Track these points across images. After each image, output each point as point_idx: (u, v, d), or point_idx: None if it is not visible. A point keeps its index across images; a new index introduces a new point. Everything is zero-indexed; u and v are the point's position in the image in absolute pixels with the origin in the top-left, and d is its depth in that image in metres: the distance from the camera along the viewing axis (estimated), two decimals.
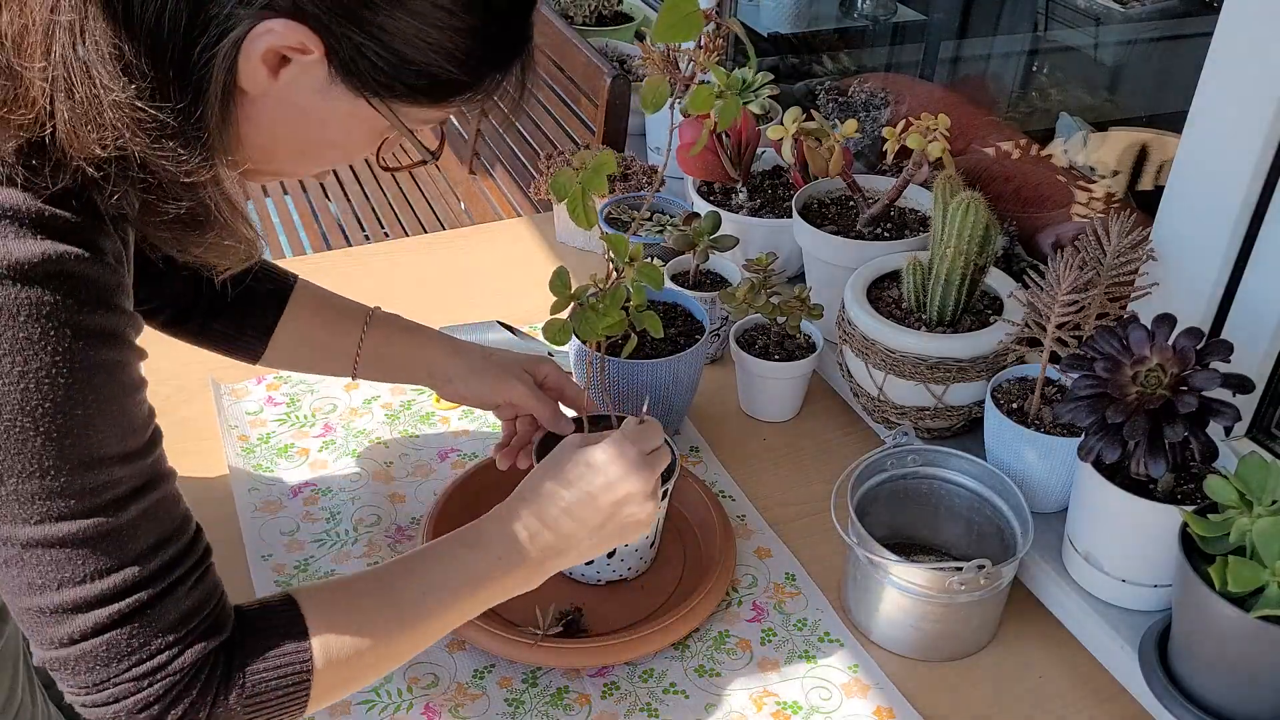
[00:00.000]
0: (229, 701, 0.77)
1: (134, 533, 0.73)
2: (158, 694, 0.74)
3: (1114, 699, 1.04)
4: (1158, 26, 1.55)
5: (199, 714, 0.76)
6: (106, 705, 0.74)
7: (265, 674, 0.79)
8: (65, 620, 0.72)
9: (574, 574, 1.12)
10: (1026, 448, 1.10)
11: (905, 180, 1.31)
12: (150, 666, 0.74)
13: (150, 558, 0.74)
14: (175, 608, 0.75)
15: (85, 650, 0.73)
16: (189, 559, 0.77)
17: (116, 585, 0.72)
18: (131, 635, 0.73)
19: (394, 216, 2.79)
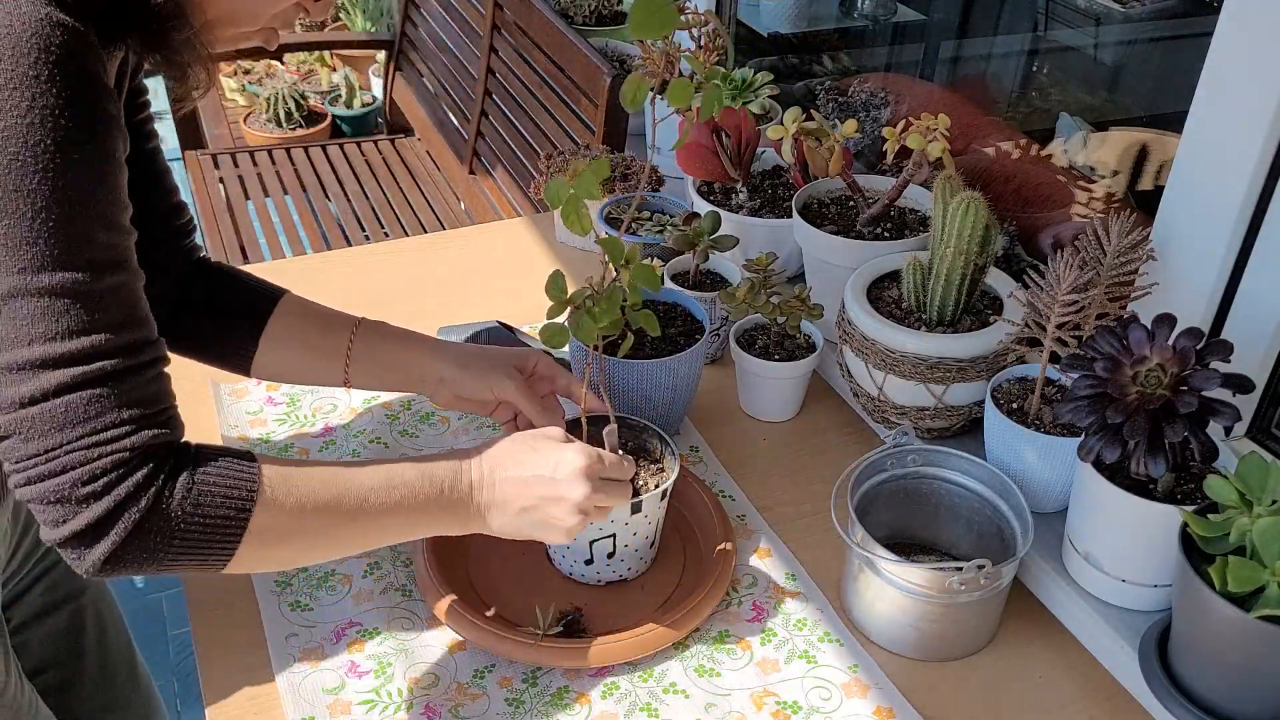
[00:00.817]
0: (173, 498, 0.77)
1: (107, 302, 0.75)
2: (104, 468, 0.75)
3: (1114, 699, 1.04)
4: (1158, 26, 1.55)
5: (139, 498, 0.76)
6: (53, 478, 0.74)
7: (213, 480, 0.80)
8: (29, 377, 0.73)
9: (574, 574, 1.12)
10: (1026, 448, 1.10)
11: (905, 180, 1.31)
12: (103, 437, 0.75)
13: (119, 331, 0.76)
14: (135, 389, 0.76)
15: (43, 410, 0.73)
16: (152, 351, 0.79)
17: (84, 348, 0.74)
18: (90, 402, 0.74)
19: (394, 216, 2.79)
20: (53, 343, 0.73)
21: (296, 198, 2.90)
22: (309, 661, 1.04)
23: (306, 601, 1.10)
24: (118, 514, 0.76)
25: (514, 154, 2.48)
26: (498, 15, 2.56)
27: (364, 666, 1.04)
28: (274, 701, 1.00)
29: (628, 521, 1.06)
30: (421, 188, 2.93)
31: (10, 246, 0.71)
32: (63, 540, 0.76)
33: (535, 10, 2.31)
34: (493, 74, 2.61)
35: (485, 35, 2.61)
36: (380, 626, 1.08)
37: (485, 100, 2.64)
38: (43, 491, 0.75)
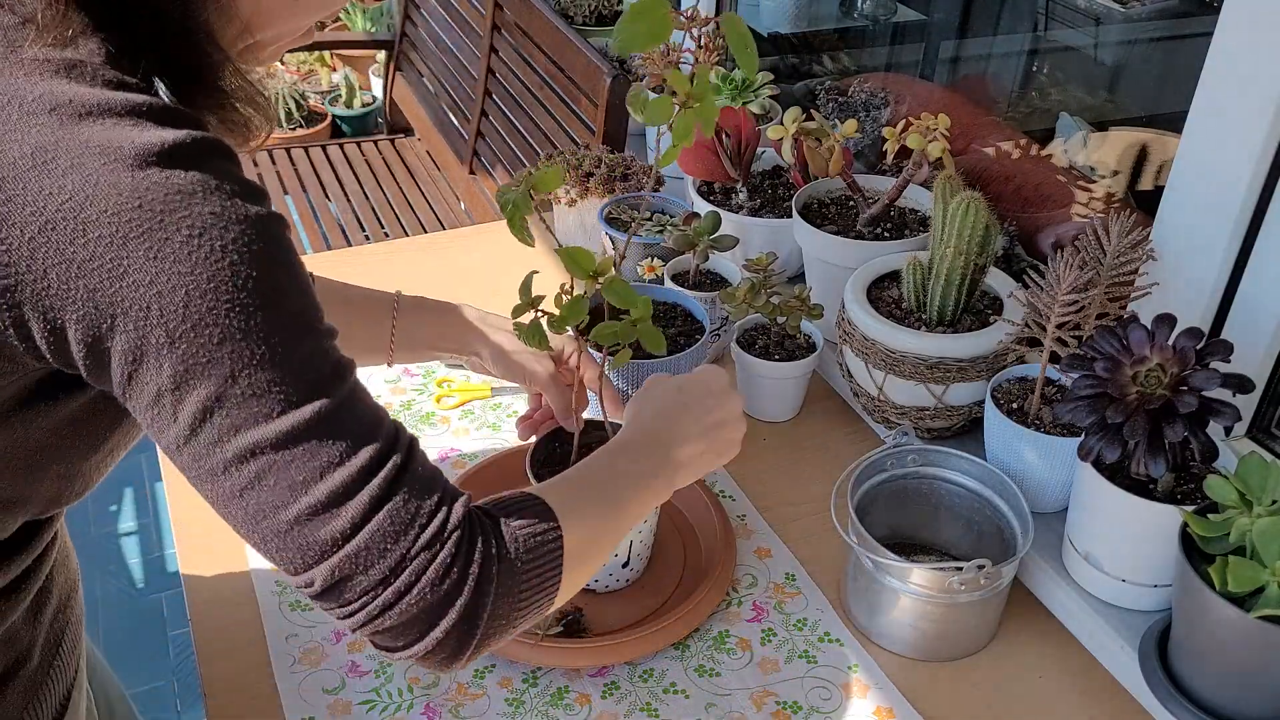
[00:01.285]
0: (506, 551, 0.74)
1: (358, 405, 0.71)
2: (451, 553, 0.70)
3: (1114, 699, 1.04)
4: (1158, 26, 1.55)
5: (492, 570, 0.72)
6: (409, 590, 0.69)
7: (525, 528, 0.76)
8: (339, 509, 0.68)
9: None
10: (1026, 448, 1.10)
11: (905, 180, 1.31)
12: (436, 527, 0.70)
13: (378, 430, 0.71)
14: (423, 472, 0.72)
15: (372, 532, 0.68)
16: (403, 429, 0.74)
17: (371, 455, 0.69)
18: (406, 500, 0.70)
19: (394, 216, 2.79)
20: (344, 466, 0.68)
21: (296, 198, 2.91)
22: (309, 661, 1.04)
23: (306, 601, 1.10)
24: (480, 594, 0.72)
25: (514, 154, 2.48)
26: (498, 15, 2.56)
27: (364, 666, 1.04)
28: (274, 701, 1.00)
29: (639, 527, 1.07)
30: (421, 188, 2.93)
31: (261, 394, 0.66)
32: (435, 652, 0.72)
33: (535, 10, 2.31)
34: (493, 74, 2.61)
35: (485, 35, 2.61)
36: None
37: (485, 100, 2.64)
38: (404, 611, 0.69)
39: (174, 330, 0.64)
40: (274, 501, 0.67)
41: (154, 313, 0.63)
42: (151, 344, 0.64)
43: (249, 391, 0.65)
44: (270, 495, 0.67)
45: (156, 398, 0.65)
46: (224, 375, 0.65)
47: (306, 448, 0.67)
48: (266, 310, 0.66)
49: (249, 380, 0.65)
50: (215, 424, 0.66)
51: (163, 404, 0.66)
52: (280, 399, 0.66)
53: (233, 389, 0.65)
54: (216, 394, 0.65)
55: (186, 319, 0.64)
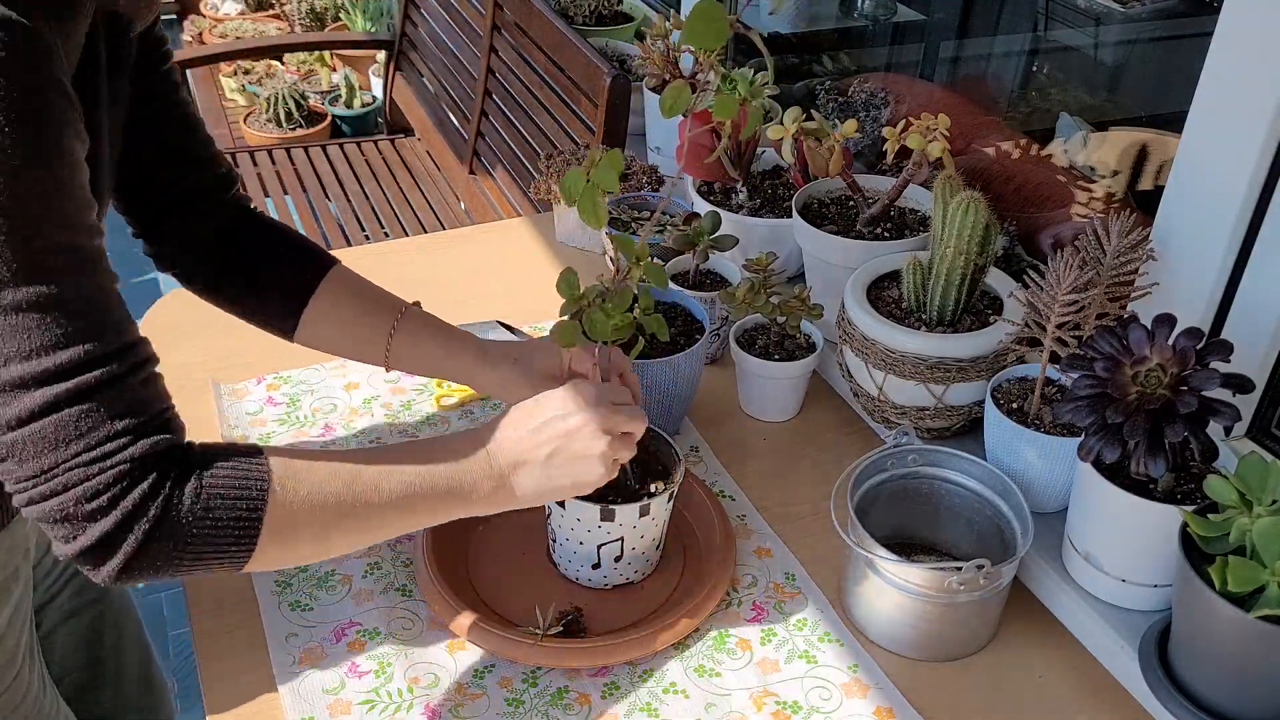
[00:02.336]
0: (182, 502, 0.75)
1: (83, 311, 0.72)
2: (107, 481, 0.72)
3: (1114, 699, 1.04)
4: (1158, 26, 1.55)
5: (148, 508, 0.74)
6: (54, 497, 0.72)
7: (222, 480, 0.77)
8: (16, 397, 0.70)
9: (580, 579, 1.12)
10: (1026, 448, 1.10)
11: (905, 180, 1.31)
12: (102, 451, 0.72)
13: (99, 339, 0.72)
14: (126, 397, 0.73)
15: (34, 430, 0.70)
16: (137, 355, 0.75)
17: (66, 361, 0.71)
18: (83, 415, 0.71)
19: (394, 216, 2.79)
20: (30, 360, 0.70)
21: (296, 198, 2.91)
22: (309, 661, 1.04)
23: (306, 601, 1.10)
24: (127, 526, 0.74)
25: (514, 154, 2.48)
26: (498, 15, 2.56)
27: (364, 666, 1.04)
28: (274, 701, 1.00)
29: (635, 525, 1.06)
30: (421, 188, 2.93)
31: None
32: (74, 555, 0.74)
33: (535, 10, 2.31)
34: (493, 74, 2.61)
35: (485, 35, 2.61)
36: (380, 626, 1.08)
37: (485, 100, 2.64)
38: (46, 511, 0.73)
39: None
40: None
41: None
42: None
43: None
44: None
45: None
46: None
47: (6, 327, 0.69)
48: (2, 187, 0.67)
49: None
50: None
51: None
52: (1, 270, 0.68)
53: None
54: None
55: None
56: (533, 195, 1.78)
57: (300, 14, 4.35)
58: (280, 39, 4.04)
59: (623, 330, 1.01)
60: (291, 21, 4.41)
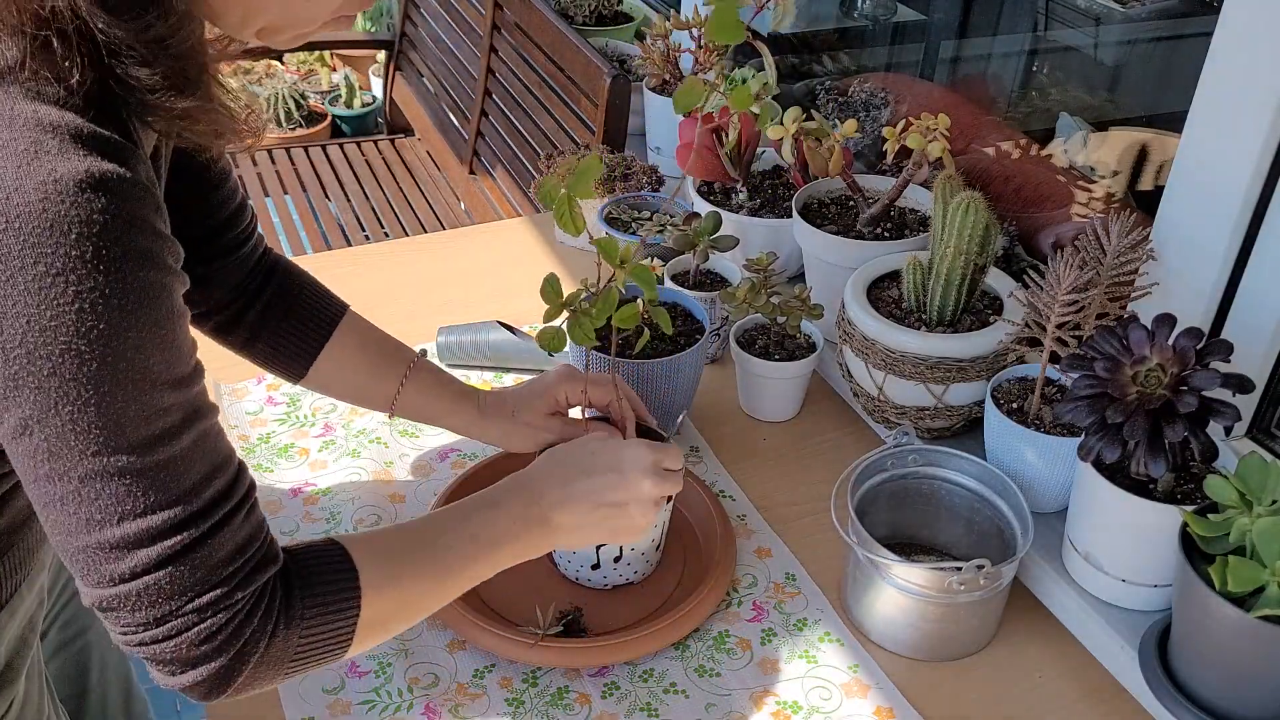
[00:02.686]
0: (286, 631, 0.77)
1: (187, 464, 0.72)
2: (220, 624, 0.74)
3: (1114, 699, 1.04)
4: (1158, 26, 1.55)
5: (259, 645, 0.76)
6: (169, 640, 0.73)
7: (319, 605, 0.79)
8: (125, 555, 0.71)
9: (580, 579, 1.12)
10: (1026, 448, 1.10)
11: (905, 180, 1.31)
12: (212, 598, 0.73)
13: (203, 489, 0.73)
14: (230, 540, 0.75)
15: (148, 584, 0.72)
16: (237, 492, 0.76)
17: (176, 517, 0.72)
18: (193, 568, 0.73)
19: (394, 216, 2.79)
20: (143, 519, 0.71)
21: (296, 198, 2.90)
22: None
23: None
24: (238, 663, 0.76)
25: (514, 154, 2.48)
26: (498, 15, 2.56)
27: (364, 666, 1.04)
28: (274, 701, 1.00)
29: None
30: (421, 188, 2.93)
31: (79, 432, 0.68)
32: (180, 688, 0.76)
33: (535, 10, 2.31)
34: (493, 74, 2.61)
35: (485, 35, 2.61)
36: None
37: (485, 100, 2.64)
38: (157, 652, 0.74)
39: (8, 351, 0.66)
40: (70, 526, 0.71)
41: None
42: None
43: (68, 424, 0.68)
44: (69, 520, 0.70)
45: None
46: (47, 404, 0.67)
47: (110, 491, 0.70)
48: (104, 363, 0.67)
49: (70, 414, 0.68)
50: (33, 440, 0.69)
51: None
52: (96, 440, 0.69)
53: (53, 417, 0.68)
54: (37, 416, 0.68)
55: (22, 345, 0.66)
56: (533, 195, 1.78)
57: None
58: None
59: (628, 321, 1.01)
60: None
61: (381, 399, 1.15)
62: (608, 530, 0.98)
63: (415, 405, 1.15)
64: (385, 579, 0.84)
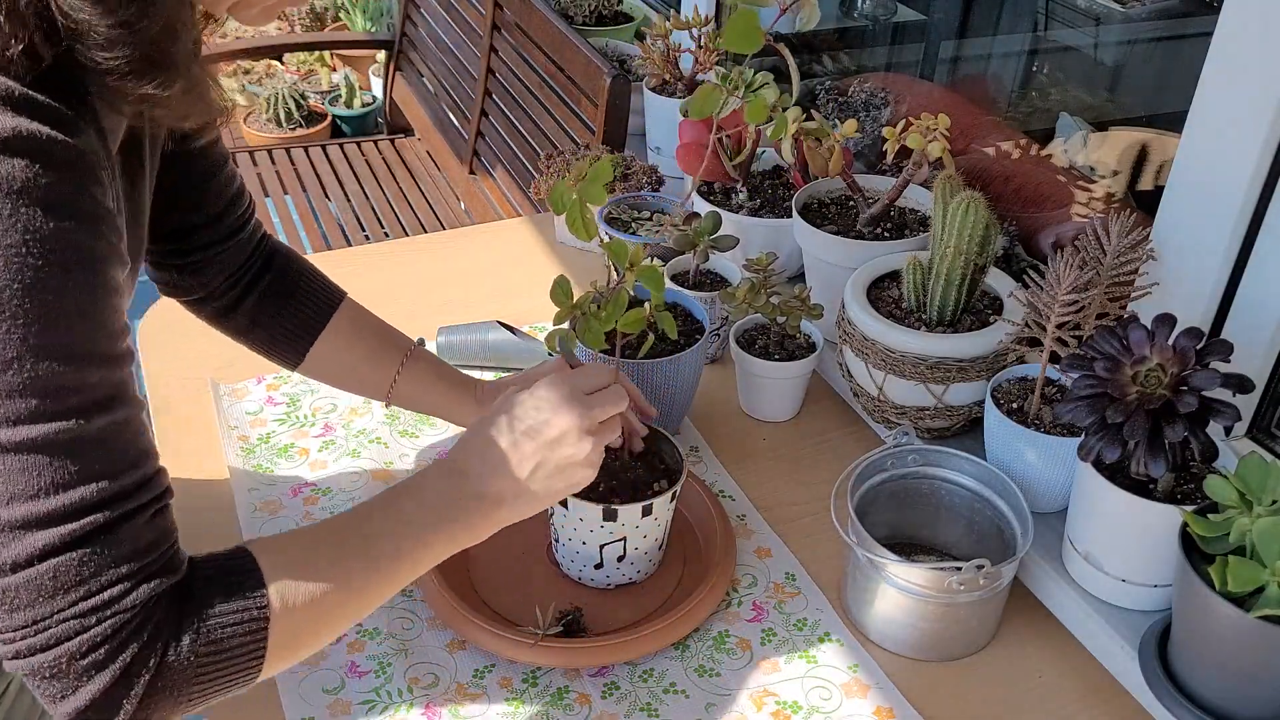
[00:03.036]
0: (181, 647, 0.71)
1: (98, 449, 0.68)
2: (105, 633, 0.68)
3: (1114, 699, 1.04)
4: (1158, 26, 1.55)
5: (148, 660, 0.70)
6: (46, 650, 0.68)
7: (221, 618, 0.73)
8: (13, 540, 0.66)
9: (583, 579, 1.11)
10: (1026, 448, 1.10)
11: (905, 180, 1.31)
12: (98, 601, 0.68)
13: (112, 479, 0.69)
14: (131, 539, 0.70)
15: (29, 577, 0.66)
16: (150, 490, 0.72)
17: (73, 502, 0.67)
18: (82, 562, 0.68)
19: (394, 216, 2.79)
20: (36, 500, 0.66)
21: (296, 198, 2.91)
22: (309, 662, 1.04)
23: None
24: (127, 681, 0.69)
25: (514, 154, 2.48)
26: (498, 15, 2.56)
27: (364, 666, 1.04)
28: (274, 701, 1.00)
29: (638, 525, 1.06)
30: (421, 188, 2.93)
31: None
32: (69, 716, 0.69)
33: (535, 10, 2.31)
34: (493, 74, 2.61)
35: (485, 35, 2.61)
36: (380, 626, 1.08)
37: (485, 100, 2.64)
38: (36, 665, 0.68)
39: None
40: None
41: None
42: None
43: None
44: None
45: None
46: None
47: (9, 465, 0.66)
48: (25, 324, 0.65)
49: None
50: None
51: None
52: (6, 411, 0.65)
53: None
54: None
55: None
56: (533, 195, 1.78)
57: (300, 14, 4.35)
58: (280, 39, 4.04)
59: (633, 326, 1.01)
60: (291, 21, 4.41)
61: (378, 387, 1.14)
62: (552, 483, 0.91)
63: (411, 393, 1.14)
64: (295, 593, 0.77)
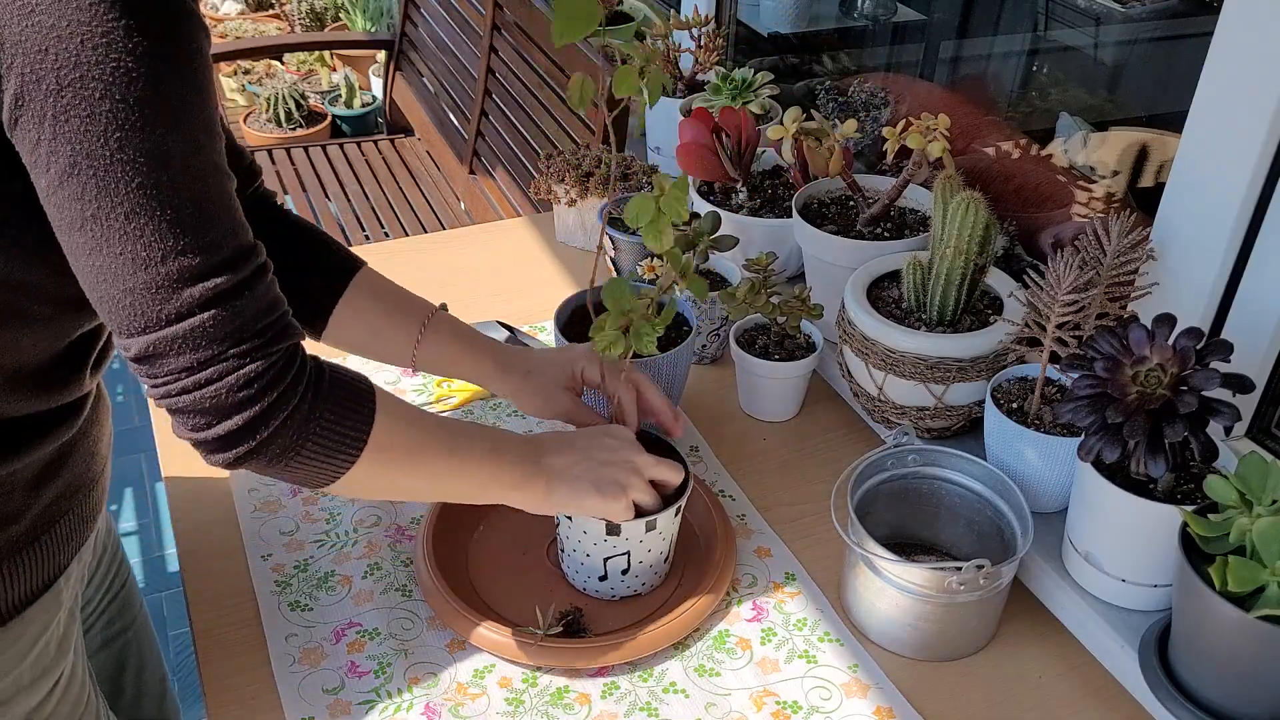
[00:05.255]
0: (314, 401, 0.81)
1: (220, 210, 0.75)
2: (259, 370, 0.77)
3: (1114, 699, 1.04)
4: (1158, 26, 1.55)
5: (289, 401, 0.79)
6: (210, 385, 0.76)
7: (343, 390, 0.83)
8: (172, 295, 0.73)
9: (587, 590, 1.11)
10: (1026, 448, 1.10)
11: (905, 180, 1.31)
12: (252, 346, 0.76)
13: (235, 239, 0.76)
14: (264, 295, 0.78)
15: (194, 326, 0.74)
16: (261, 253, 0.79)
17: (216, 259, 0.74)
18: (234, 313, 0.75)
19: (394, 216, 2.79)
20: (186, 256, 0.73)
21: (296, 198, 2.91)
22: (309, 661, 1.04)
23: (306, 602, 1.10)
24: (268, 415, 0.78)
25: (514, 154, 2.48)
26: (498, 15, 2.56)
27: (364, 666, 1.04)
28: (274, 701, 1.00)
29: (642, 539, 1.06)
30: (421, 188, 2.93)
31: (125, 161, 0.70)
32: (206, 440, 0.78)
33: (535, 10, 2.31)
34: (493, 74, 2.61)
35: (485, 35, 2.61)
36: (380, 626, 1.08)
37: (485, 100, 2.64)
38: (196, 400, 0.76)
39: (64, 76, 0.67)
40: (117, 268, 0.72)
41: (50, 55, 0.67)
42: (41, 88, 0.68)
43: (116, 153, 0.69)
44: (115, 263, 0.72)
45: (35, 145, 0.70)
46: (96, 130, 0.68)
47: (154, 226, 0.72)
48: (149, 84, 0.69)
49: (118, 141, 0.70)
50: (80, 179, 0.70)
51: (39, 153, 0.70)
52: (141, 170, 0.70)
53: (101, 147, 0.69)
54: (85, 149, 0.69)
55: (78, 66, 0.67)
56: (533, 195, 1.78)
57: (300, 14, 4.35)
58: (280, 39, 4.04)
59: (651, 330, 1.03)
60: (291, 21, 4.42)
61: (403, 353, 1.14)
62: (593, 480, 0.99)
63: (435, 356, 1.15)
64: (400, 412, 0.88)
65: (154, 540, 2.62)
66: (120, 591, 1.23)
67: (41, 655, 0.95)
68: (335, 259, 1.13)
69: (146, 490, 2.76)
